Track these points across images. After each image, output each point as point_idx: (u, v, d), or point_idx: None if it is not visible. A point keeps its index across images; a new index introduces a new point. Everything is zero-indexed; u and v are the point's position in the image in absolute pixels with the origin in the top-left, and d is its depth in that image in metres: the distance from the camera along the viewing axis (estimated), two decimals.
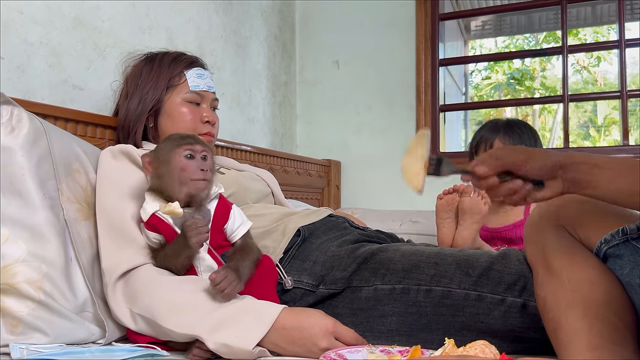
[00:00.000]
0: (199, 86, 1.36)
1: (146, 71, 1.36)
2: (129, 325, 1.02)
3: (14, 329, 0.95)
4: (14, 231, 0.99)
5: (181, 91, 1.35)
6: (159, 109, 1.35)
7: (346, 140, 2.74)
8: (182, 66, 1.36)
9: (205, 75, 1.39)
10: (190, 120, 1.34)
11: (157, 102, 1.34)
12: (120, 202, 1.12)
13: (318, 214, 1.30)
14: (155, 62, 1.37)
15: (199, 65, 1.40)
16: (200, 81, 1.37)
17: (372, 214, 2.24)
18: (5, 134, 1.04)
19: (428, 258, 1.07)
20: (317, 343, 0.92)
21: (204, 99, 1.37)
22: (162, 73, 1.35)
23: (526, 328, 0.98)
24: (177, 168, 1.01)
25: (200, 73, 1.38)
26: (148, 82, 1.35)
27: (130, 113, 1.35)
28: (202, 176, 1.02)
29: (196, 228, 0.95)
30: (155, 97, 1.34)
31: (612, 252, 0.80)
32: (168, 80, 1.35)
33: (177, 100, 1.34)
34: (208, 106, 1.38)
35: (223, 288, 0.94)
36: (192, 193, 1.02)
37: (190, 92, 1.35)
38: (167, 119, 1.35)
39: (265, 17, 2.52)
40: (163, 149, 1.05)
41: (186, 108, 1.35)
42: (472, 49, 7.07)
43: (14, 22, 1.34)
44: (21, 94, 1.33)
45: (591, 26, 7.09)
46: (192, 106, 1.35)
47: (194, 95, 1.35)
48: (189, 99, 1.35)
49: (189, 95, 1.35)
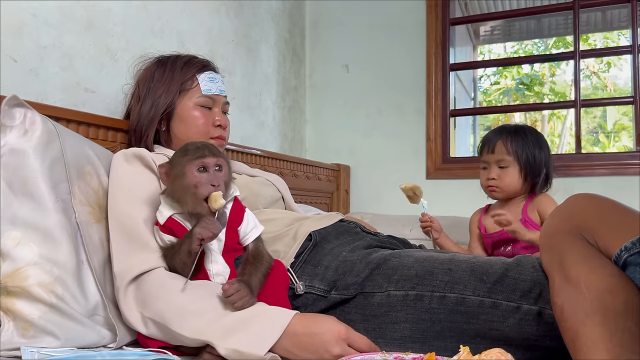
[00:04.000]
0: (211, 90, 1.36)
1: (158, 74, 1.36)
2: (140, 329, 1.01)
3: (25, 332, 0.95)
4: (26, 234, 0.99)
5: (193, 95, 1.34)
6: (171, 113, 1.35)
7: (355, 145, 2.73)
8: (194, 70, 1.36)
9: (217, 79, 1.39)
10: (203, 124, 1.34)
11: (169, 106, 1.34)
12: (133, 206, 1.12)
13: (329, 218, 1.30)
14: (167, 65, 1.37)
15: (210, 69, 1.40)
16: (212, 85, 1.37)
17: (382, 219, 2.23)
18: (18, 137, 1.04)
19: (442, 264, 1.06)
20: (330, 349, 0.91)
21: (215, 102, 1.37)
22: (175, 77, 1.35)
23: (542, 336, 0.96)
24: (190, 184, 1.00)
25: (212, 77, 1.38)
26: (160, 85, 1.35)
27: (142, 117, 1.35)
28: (212, 191, 0.99)
29: (207, 224, 0.95)
30: (167, 101, 1.33)
31: (632, 260, 0.78)
32: (180, 84, 1.34)
33: (190, 104, 1.34)
34: (220, 110, 1.38)
35: (234, 301, 0.93)
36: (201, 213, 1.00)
37: (203, 96, 1.34)
38: (179, 122, 1.35)
39: (275, 21, 2.53)
40: (178, 163, 1.02)
41: (198, 112, 1.34)
42: (480, 54, 7.05)
43: (28, 25, 1.34)
44: (34, 96, 1.33)
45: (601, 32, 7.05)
46: (204, 110, 1.35)
47: (206, 99, 1.35)
48: (201, 103, 1.35)
49: (201, 99, 1.34)
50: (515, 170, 1.64)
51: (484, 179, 1.69)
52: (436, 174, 2.59)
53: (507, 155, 1.63)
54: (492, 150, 1.66)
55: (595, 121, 11.18)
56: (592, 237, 0.84)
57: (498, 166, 1.65)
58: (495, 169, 1.65)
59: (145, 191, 1.14)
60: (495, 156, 1.65)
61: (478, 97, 7.80)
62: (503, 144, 1.64)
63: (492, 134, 1.70)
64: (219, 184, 1.01)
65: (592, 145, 10.75)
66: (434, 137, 2.59)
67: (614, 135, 10.66)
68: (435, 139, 2.59)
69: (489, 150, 1.67)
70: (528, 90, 10.53)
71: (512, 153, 1.63)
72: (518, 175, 1.64)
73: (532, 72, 10.57)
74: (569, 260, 0.84)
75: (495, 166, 1.66)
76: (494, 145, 1.66)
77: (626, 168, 2.28)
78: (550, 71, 10.77)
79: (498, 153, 1.64)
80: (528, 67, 10.51)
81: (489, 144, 1.67)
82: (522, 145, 1.64)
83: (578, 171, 2.35)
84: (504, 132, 1.67)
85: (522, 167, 1.63)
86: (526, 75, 10.56)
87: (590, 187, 2.11)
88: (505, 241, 1.67)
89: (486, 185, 1.68)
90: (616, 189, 2.18)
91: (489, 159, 1.67)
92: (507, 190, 1.66)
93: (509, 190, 1.66)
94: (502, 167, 1.65)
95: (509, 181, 1.64)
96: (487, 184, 1.68)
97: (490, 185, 1.66)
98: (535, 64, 10.12)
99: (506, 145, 1.64)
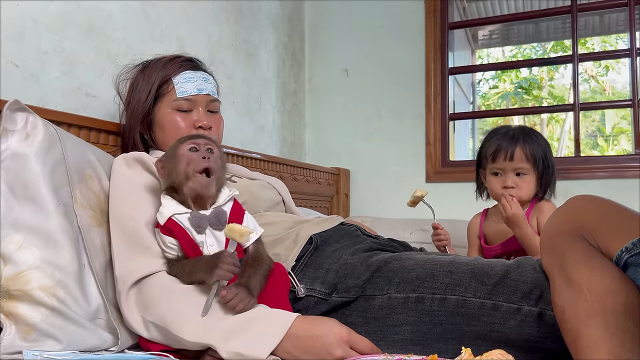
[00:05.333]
0: (187, 91, 1.30)
1: (139, 82, 1.34)
2: (142, 333, 1.01)
3: (27, 336, 0.95)
4: (27, 238, 0.99)
5: (169, 99, 1.30)
6: (152, 120, 1.33)
7: (355, 149, 2.74)
8: (170, 72, 1.31)
9: (196, 77, 1.31)
10: (182, 129, 1.29)
11: (146, 114, 1.32)
12: (134, 209, 1.12)
13: (330, 221, 1.30)
14: (146, 71, 1.35)
15: (188, 68, 1.33)
16: (189, 86, 1.30)
17: (382, 223, 2.23)
18: (20, 141, 1.04)
19: (442, 266, 1.06)
20: (332, 352, 0.91)
21: (195, 103, 1.31)
22: (152, 82, 1.31)
23: (543, 338, 0.96)
24: (182, 162, 1.03)
25: (189, 76, 1.31)
26: (139, 93, 1.32)
27: (126, 125, 1.35)
28: (205, 164, 1.01)
29: (229, 263, 0.93)
30: (144, 108, 1.31)
31: (633, 260, 0.78)
32: (157, 90, 1.31)
33: (167, 110, 1.31)
34: (203, 110, 1.32)
35: (234, 305, 0.93)
36: (197, 189, 1.02)
37: (178, 99, 1.29)
38: (159, 129, 1.33)
39: (275, 25, 2.53)
40: (171, 147, 1.09)
41: (176, 116, 1.30)
42: (479, 58, 7.07)
43: (29, 30, 1.35)
44: (35, 101, 1.34)
45: (599, 35, 7.07)
46: (183, 114, 1.30)
47: (183, 102, 1.30)
48: (178, 107, 1.30)
49: (177, 102, 1.30)
50: (532, 178, 1.60)
51: (498, 187, 1.62)
52: (436, 177, 2.59)
53: (526, 163, 1.58)
54: (511, 158, 1.58)
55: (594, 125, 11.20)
56: (592, 238, 0.84)
57: (515, 173, 1.60)
58: (512, 176, 1.60)
59: (146, 194, 1.14)
60: (514, 164, 1.58)
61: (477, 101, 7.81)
62: (522, 151, 1.58)
63: (505, 141, 1.61)
64: (209, 157, 1.03)
65: (590, 148, 10.76)
66: (434, 140, 2.60)
67: (612, 138, 10.67)
68: (435, 143, 2.60)
69: (507, 157, 1.59)
70: (527, 94, 10.54)
71: (531, 160, 1.58)
72: (535, 183, 1.60)
73: (531, 76, 10.58)
74: (570, 261, 0.84)
75: (512, 174, 1.60)
76: (512, 152, 1.58)
77: (626, 171, 2.29)
78: (549, 75, 10.79)
79: (517, 161, 1.58)
80: (526, 71, 10.53)
81: (507, 150, 1.59)
82: (537, 148, 1.59)
83: (578, 174, 2.36)
84: (518, 137, 1.60)
85: (539, 174, 1.60)
86: (525, 79, 10.57)
87: (590, 190, 2.10)
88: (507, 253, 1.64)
89: (501, 194, 1.60)
90: (616, 191, 2.18)
91: (506, 167, 1.60)
92: (524, 199, 1.60)
93: (525, 199, 1.60)
94: (520, 174, 1.60)
95: (528, 189, 1.60)
96: (504, 193, 1.59)
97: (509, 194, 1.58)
98: (534, 67, 10.14)
99: (525, 152, 1.58)
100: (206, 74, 1.36)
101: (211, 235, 1.03)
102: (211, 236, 1.03)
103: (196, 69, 1.34)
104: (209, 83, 1.34)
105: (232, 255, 0.94)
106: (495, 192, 1.65)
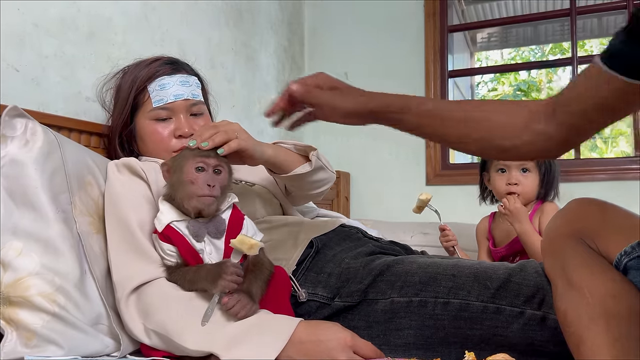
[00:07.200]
0: (163, 99, 1.22)
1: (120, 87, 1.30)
2: (143, 340, 1.01)
3: (28, 342, 0.95)
4: (27, 244, 0.99)
5: (146, 110, 1.24)
6: (132, 131, 1.29)
7: (355, 152, 2.73)
8: (145, 80, 1.24)
9: (172, 82, 1.23)
10: (164, 139, 1.24)
11: (124, 126, 1.29)
12: (129, 215, 1.10)
13: (330, 224, 1.29)
14: (125, 77, 1.29)
15: (164, 73, 1.24)
16: (164, 93, 1.22)
17: (383, 226, 2.23)
18: (19, 147, 1.04)
19: (445, 270, 1.06)
20: (335, 357, 0.90)
21: (173, 111, 1.24)
22: (129, 92, 1.26)
23: (545, 341, 0.96)
24: (186, 180, 1.00)
25: (165, 83, 1.23)
26: (118, 104, 1.30)
27: (109, 133, 1.33)
28: (207, 192, 0.98)
29: (233, 274, 0.92)
30: (121, 120, 1.28)
31: (632, 264, 0.78)
32: (133, 100, 1.26)
33: (146, 121, 1.25)
34: (184, 116, 1.25)
35: (237, 312, 0.93)
36: (198, 207, 1.00)
37: (154, 109, 1.23)
38: (139, 141, 1.29)
39: (274, 29, 2.54)
40: (179, 157, 1.04)
41: (155, 126, 1.24)
42: (478, 61, 7.08)
43: (29, 35, 1.35)
44: (36, 105, 1.33)
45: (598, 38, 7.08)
46: (162, 122, 1.24)
47: (160, 112, 1.23)
48: (156, 117, 1.24)
49: (155, 112, 1.23)
50: (535, 175, 1.60)
51: (502, 184, 1.62)
52: (436, 180, 2.59)
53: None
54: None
55: None
56: (592, 241, 0.84)
57: (520, 169, 1.60)
58: (516, 173, 1.60)
59: (137, 199, 1.13)
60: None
61: None
62: None
63: None
64: (215, 185, 1.00)
65: (589, 151, 10.77)
66: (434, 143, 2.60)
67: (611, 140, 10.67)
68: (435, 146, 2.59)
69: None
70: (525, 96, 10.54)
71: None
72: (538, 182, 1.60)
73: (530, 78, 10.60)
74: (571, 265, 0.84)
75: (517, 170, 1.60)
76: None
77: (626, 173, 2.29)
78: (548, 77, 10.80)
79: None
80: (525, 74, 10.54)
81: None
82: None
83: (578, 176, 2.36)
84: None
85: (542, 172, 1.60)
86: (523, 81, 10.58)
87: (590, 192, 2.09)
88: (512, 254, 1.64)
89: (506, 191, 1.61)
90: (616, 194, 2.16)
91: (511, 163, 1.60)
92: (527, 196, 1.60)
93: (529, 196, 1.61)
94: (525, 170, 1.60)
95: (531, 186, 1.60)
96: (508, 190, 1.60)
97: (512, 191, 1.59)
98: (533, 70, 10.16)
99: None
100: (185, 75, 1.26)
101: (210, 243, 1.02)
102: (210, 244, 1.02)
103: (173, 72, 1.25)
104: (188, 86, 1.25)
105: (235, 266, 0.93)
106: (499, 190, 1.65)
